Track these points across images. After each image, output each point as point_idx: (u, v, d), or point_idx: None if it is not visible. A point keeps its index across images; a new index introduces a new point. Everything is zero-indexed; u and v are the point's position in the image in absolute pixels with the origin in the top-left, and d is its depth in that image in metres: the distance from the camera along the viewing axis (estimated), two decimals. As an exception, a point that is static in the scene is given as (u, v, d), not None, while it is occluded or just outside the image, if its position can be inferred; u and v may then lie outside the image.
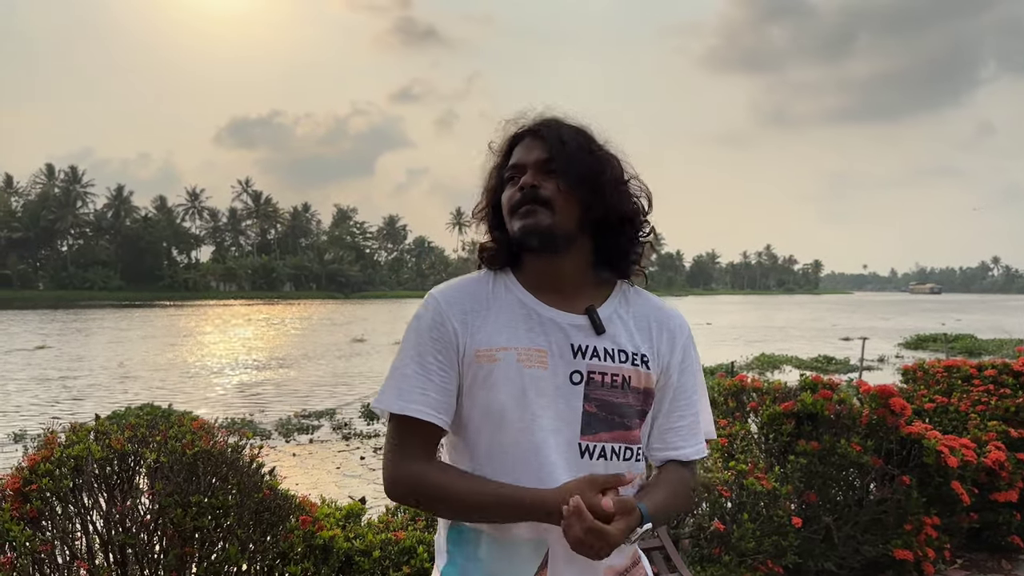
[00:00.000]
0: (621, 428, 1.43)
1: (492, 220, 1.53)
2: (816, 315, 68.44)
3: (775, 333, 42.11)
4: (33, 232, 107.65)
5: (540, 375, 1.40)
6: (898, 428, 4.52)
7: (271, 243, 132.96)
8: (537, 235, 1.41)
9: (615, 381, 1.43)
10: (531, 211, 1.41)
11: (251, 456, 3.29)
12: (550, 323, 1.43)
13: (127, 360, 25.68)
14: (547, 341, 1.41)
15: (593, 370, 1.42)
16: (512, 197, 1.45)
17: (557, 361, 1.41)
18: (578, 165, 1.43)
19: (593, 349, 1.42)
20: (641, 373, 1.45)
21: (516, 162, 1.47)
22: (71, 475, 2.98)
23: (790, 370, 22.12)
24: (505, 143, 1.52)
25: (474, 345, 1.41)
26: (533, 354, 1.40)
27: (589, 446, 1.40)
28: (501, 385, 1.39)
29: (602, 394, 1.42)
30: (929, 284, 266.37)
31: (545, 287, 1.46)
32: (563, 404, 1.40)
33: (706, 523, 3.91)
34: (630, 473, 1.43)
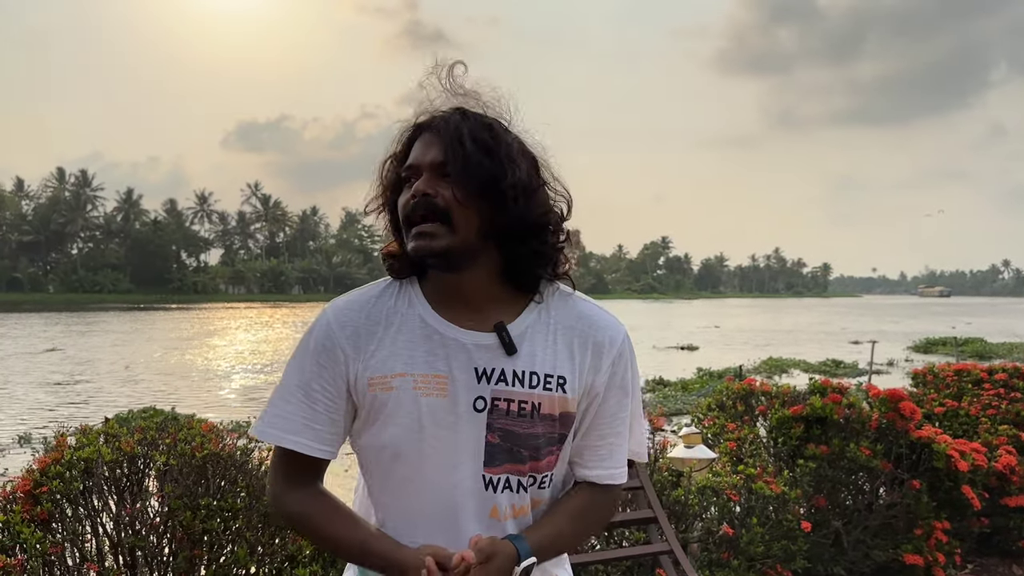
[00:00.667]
0: (530, 460, 1.29)
1: (392, 221, 1.34)
2: (825, 318, 68.23)
3: (783, 337, 41.97)
4: (43, 235, 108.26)
5: (438, 404, 1.25)
6: (908, 432, 4.50)
7: (280, 246, 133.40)
8: (432, 257, 1.24)
9: (523, 409, 1.27)
10: (424, 233, 1.24)
11: (260, 459, 3.30)
12: (453, 344, 1.27)
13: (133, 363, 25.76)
14: (447, 365, 1.26)
15: (498, 396, 1.26)
16: (406, 205, 1.27)
17: (458, 388, 1.26)
18: (475, 169, 1.23)
19: (500, 372, 1.27)
20: (555, 398, 1.29)
21: (412, 162, 1.28)
22: (81, 477, 2.99)
23: (798, 374, 22.02)
24: (405, 134, 1.32)
25: (367, 372, 1.27)
26: (432, 381, 1.26)
27: (493, 479, 1.28)
28: (396, 416, 1.26)
29: (506, 423, 1.27)
30: (938, 287, 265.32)
31: (450, 302, 1.29)
32: (464, 434, 1.26)
33: (715, 527, 3.90)
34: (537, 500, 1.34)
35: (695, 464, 4.24)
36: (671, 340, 36.19)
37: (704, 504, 3.97)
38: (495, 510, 1.30)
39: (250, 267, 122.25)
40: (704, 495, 3.98)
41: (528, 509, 1.33)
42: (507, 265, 1.30)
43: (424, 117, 1.31)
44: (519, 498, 1.31)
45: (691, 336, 39.12)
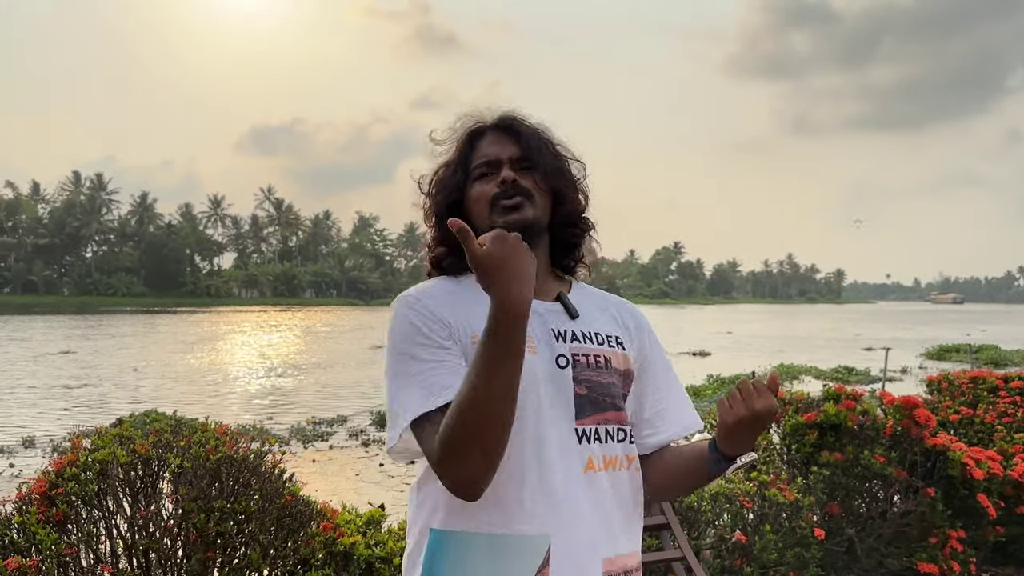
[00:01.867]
0: (612, 408, 1.41)
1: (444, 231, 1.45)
2: (838, 325, 67.89)
3: (796, 343, 41.77)
4: (59, 238, 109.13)
5: (531, 360, 1.32)
6: (923, 440, 4.47)
7: (292, 250, 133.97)
8: (522, 227, 1.37)
9: (599, 362, 1.41)
10: (518, 204, 1.40)
11: (273, 462, 3.31)
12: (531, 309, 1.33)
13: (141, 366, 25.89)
14: (530, 327, 1.29)
15: (577, 352, 1.39)
16: (490, 192, 1.42)
17: (543, 347, 1.37)
18: (550, 163, 1.45)
19: (572, 333, 1.41)
20: (619, 354, 1.45)
21: (489, 157, 1.44)
22: (96, 479, 3.01)
23: (810, 380, 21.91)
24: (464, 138, 1.49)
25: (470, 329, 1.34)
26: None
27: (586, 430, 1.36)
28: None
29: (590, 375, 1.39)
30: (951, 294, 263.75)
31: None
32: (554, 389, 1.35)
33: (728, 535, 3.89)
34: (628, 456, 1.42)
35: (708, 470, 4.23)
36: (683, 346, 36.08)
37: (717, 511, 3.96)
38: (591, 461, 1.36)
39: (263, 271, 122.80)
40: (717, 502, 3.96)
41: (622, 463, 1.41)
42: (553, 250, 1.49)
43: (479, 123, 1.49)
44: (609, 448, 1.39)
45: (703, 342, 38.99)
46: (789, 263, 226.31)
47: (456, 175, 1.47)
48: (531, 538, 1.29)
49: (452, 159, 1.49)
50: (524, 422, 1.30)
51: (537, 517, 1.29)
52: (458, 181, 1.46)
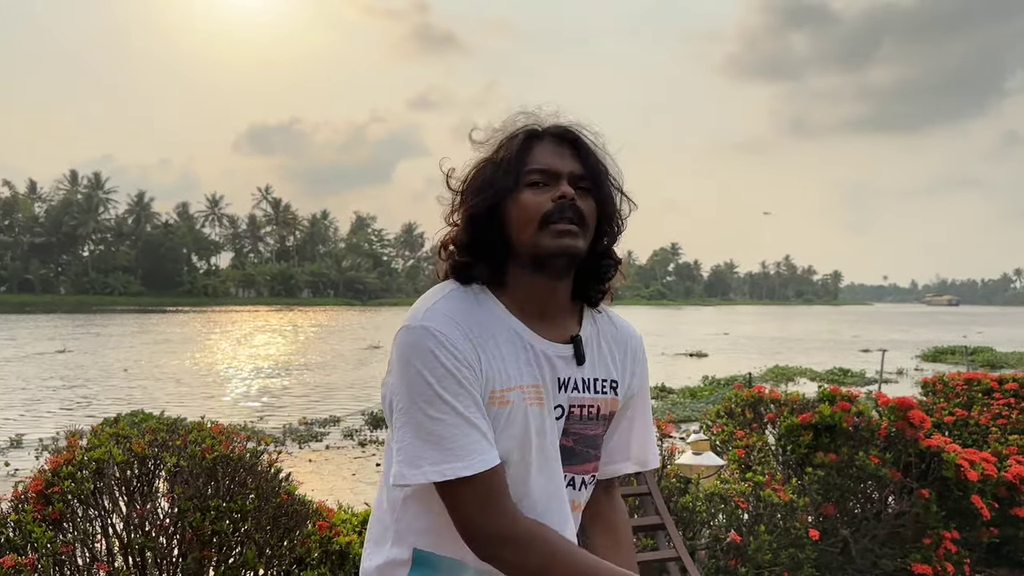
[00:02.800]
0: (593, 460, 1.39)
1: (483, 223, 1.31)
2: (834, 327, 67.98)
3: (793, 344, 41.83)
4: (55, 237, 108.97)
5: (538, 413, 1.29)
6: (917, 441, 4.49)
7: (290, 250, 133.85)
8: (568, 256, 1.28)
9: (590, 413, 1.35)
10: (571, 231, 1.27)
11: (269, 461, 3.31)
12: (542, 356, 1.31)
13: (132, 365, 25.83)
14: (541, 376, 1.30)
15: (573, 403, 1.33)
16: (542, 205, 1.27)
17: (548, 397, 1.31)
18: (607, 191, 1.33)
19: (575, 382, 1.34)
20: (609, 400, 1.39)
21: (548, 167, 1.30)
22: (92, 478, 3.01)
23: (804, 382, 21.93)
24: (520, 138, 1.33)
25: (489, 385, 1.25)
26: (533, 391, 1.29)
27: (571, 479, 1.36)
28: (511, 427, 1.26)
29: (580, 428, 1.35)
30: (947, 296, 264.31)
31: (532, 312, 1.32)
32: (553, 439, 1.31)
33: (723, 535, 3.90)
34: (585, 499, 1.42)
35: (703, 471, 4.24)
36: (680, 347, 36.12)
37: (712, 511, 3.97)
38: (574, 504, 1.38)
39: (260, 271, 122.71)
40: (712, 502, 3.98)
41: (582, 506, 1.42)
42: (578, 278, 1.37)
43: (537, 125, 1.35)
44: (579, 495, 1.39)
45: (700, 343, 39.03)
46: (786, 264, 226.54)
47: (507, 176, 1.30)
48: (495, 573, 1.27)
49: (502, 158, 1.31)
50: (530, 472, 1.28)
51: None
52: (508, 184, 1.29)
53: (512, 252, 1.31)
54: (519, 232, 1.29)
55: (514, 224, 1.29)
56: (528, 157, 1.31)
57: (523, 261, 1.30)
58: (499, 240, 1.31)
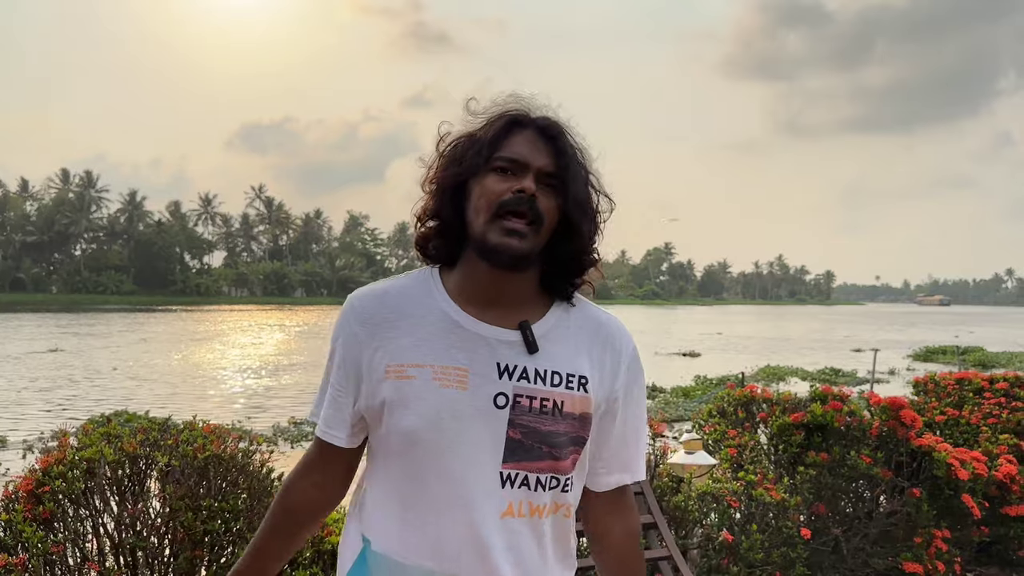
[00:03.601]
0: (549, 458, 1.29)
1: (447, 198, 1.32)
2: (827, 326, 68.17)
3: (786, 344, 41.90)
4: (47, 236, 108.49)
5: (457, 396, 1.26)
6: (908, 440, 4.51)
7: (283, 249, 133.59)
8: (510, 256, 1.26)
9: (545, 406, 1.28)
10: (517, 231, 1.25)
11: (261, 461, 3.31)
12: (476, 338, 1.29)
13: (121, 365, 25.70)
14: (469, 358, 1.28)
15: (521, 393, 1.27)
16: (502, 194, 1.27)
17: (480, 381, 1.27)
18: (577, 194, 1.31)
19: (523, 370, 1.28)
20: (576, 397, 1.31)
21: (519, 157, 1.29)
22: (83, 477, 3.00)
23: (796, 382, 21.97)
24: (502, 122, 1.32)
25: (385, 359, 1.29)
26: (451, 373, 1.27)
27: (511, 474, 1.28)
28: (415, 405, 1.27)
29: (529, 420, 1.27)
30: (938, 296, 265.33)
31: (476, 297, 1.32)
32: (484, 429, 1.27)
33: (715, 533, 3.91)
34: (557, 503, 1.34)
35: (695, 470, 4.25)
36: (673, 347, 36.15)
37: (704, 510, 3.98)
38: (510, 508, 1.29)
39: (253, 270, 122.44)
40: (704, 501, 3.99)
41: (547, 511, 1.32)
42: (547, 271, 1.36)
43: (523, 113, 1.34)
44: (536, 497, 1.30)
45: (693, 343, 39.08)
46: (779, 264, 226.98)
47: (478, 156, 1.30)
48: (433, 574, 1.28)
49: (481, 135, 1.31)
50: (440, 460, 1.27)
51: (445, 555, 1.27)
52: (477, 163, 1.29)
53: (468, 234, 1.31)
54: (474, 215, 1.29)
55: (473, 205, 1.29)
56: (504, 142, 1.30)
57: (474, 245, 1.30)
58: (459, 218, 1.32)
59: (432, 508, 1.29)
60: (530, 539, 1.31)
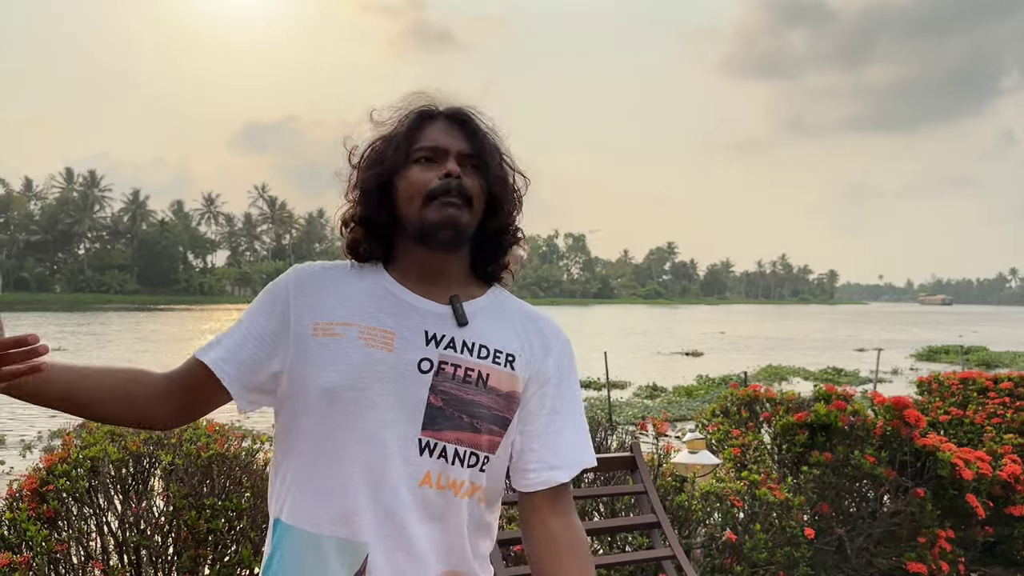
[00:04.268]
0: (469, 429, 1.29)
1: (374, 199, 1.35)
2: (829, 326, 68.13)
3: (788, 344, 41.90)
4: (51, 235, 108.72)
5: (382, 357, 1.28)
6: (912, 440, 4.50)
7: (286, 248, 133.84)
8: (453, 230, 1.31)
9: (468, 376, 1.30)
10: (455, 204, 1.30)
11: (265, 459, 3.31)
12: (406, 306, 1.33)
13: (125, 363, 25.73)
14: (397, 324, 1.31)
15: (446, 360, 1.30)
16: (429, 182, 1.31)
17: (405, 345, 1.29)
18: (496, 170, 1.36)
19: (450, 340, 1.32)
20: (503, 373, 1.33)
21: (436, 145, 1.34)
22: (87, 476, 3.01)
23: (798, 382, 21.95)
24: (412, 117, 1.37)
25: (314, 317, 1.32)
26: (378, 334, 1.30)
27: (430, 442, 1.27)
28: (338, 361, 1.28)
29: (450, 387, 1.29)
30: (940, 296, 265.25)
31: (414, 277, 1.36)
32: (406, 392, 1.28)
33: (718, 533, 3.90)
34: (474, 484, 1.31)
35: (699, 470, 4.24)
36: (676, 346, 36.14)
37: (707, 510, 3.97)
38: (427, 477, 1.28)
39: (256, 269, 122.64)
40: (708, 501, 3.98)
41: (463, 489, 1.31)
42: (475, 254, 1.40)
43: (431, 106, 1.38)
44: (454, 471, 1.29)
45: (696, 342, 39.07)
46: (782, 264, 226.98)
47: (397, 153, 1.34)
48: (349, 543, 1.26)
49: (394, 134, 1.36)
50: (359, 420, 1.27)
51: (358, 523, 1.26)
52: (398, 160, 1.34)
53: (400, 227, 1.35)
54: (406, 206, 1.33)
55: (402, 199, 1.33)
56: (419, 135, 1.35)
57: (410, 234, 1.34)
58: (389, 217, 1.35)
59: (347, 473, 1.27)
60: (447, 514, 1.29)
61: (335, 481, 1.27)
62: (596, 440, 5.29)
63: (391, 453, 1.27)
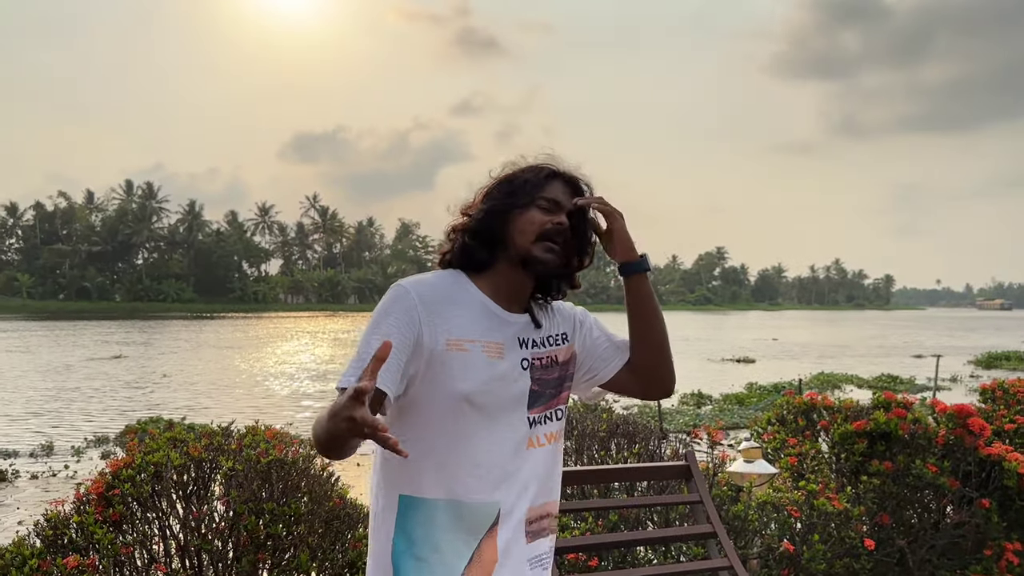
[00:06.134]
0: (553, 398, 1.75)
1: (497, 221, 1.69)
2: (884, 332, 66.61)
3: (842, 351, 41.06)
4: (111, 246, 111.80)
5: (499, 364, 1.65)
6: (976, 449, 4.37)
7: (337, 257, 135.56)
8: (547, 268, 1.68)
9: (548, 361, 1.74)
10: (556, 251, 1.68)
11: (322, 465, 3.35)
12: (502, 320, 1.69)
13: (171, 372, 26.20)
14: (502, 336, 1.68)
15: (536, 357, 1.72)
16: (544, 224, 1.67)
17: (510, 353, 1.68)
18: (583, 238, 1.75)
19: (533, 340, 1.73)
20: (562, 348, 1.78)
21: (557, 199, 1.71)
22: (151, 481, 3.08)
23: (851, 389, 21.45)
24: (544, 171, 1.73)
25: (446, 335, 1.61)
26: (493, 347, 1.65)
27: (536, 417, 1.70)
28: (470, 372, 1.61)
29: (541, 374, 1.72)
30: (999, 300, 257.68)
31: (503, 294, 1.71)
32: (517, 387, 1.67)
33: (775, 544, 3.84)
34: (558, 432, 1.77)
35: (755, 479, 4.18)
36: (726, 352, 35.66)
37: (764, 520, 3.92)
38: (531, 441, 1.70)
39: (308, 277, 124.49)
40: (764, 511, 3.92)
41: (553, 436, 1.75)
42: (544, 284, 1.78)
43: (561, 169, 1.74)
44: (550, 427, 1.74)
45: (747, 349, 38.51)
46: (836, 268, 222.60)
47: (527, 194, 1.69)
48: (485, 504, 1.63)
49: (527, 179, 1.71)
50: (491, 413, 1.64)
51: (491, 488, 1.63)
52: (526, 199, 1.69)
53: (505, 250, 1.69)
54: (519, 237, 1.68)
55: (517, 230, 1.68)
56: (546, 187, 1.72)
57: (513, 259, 1.69)
58: (499, 237, 1.69)
59: (482, 451, 1.63)
60: (543, 461, 1.72)
61: (472, 460, 1.62)
62: (648, 449, 5.25)
63: (514, 433, 1.67)
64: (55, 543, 2.93)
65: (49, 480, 10.77)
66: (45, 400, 19.43)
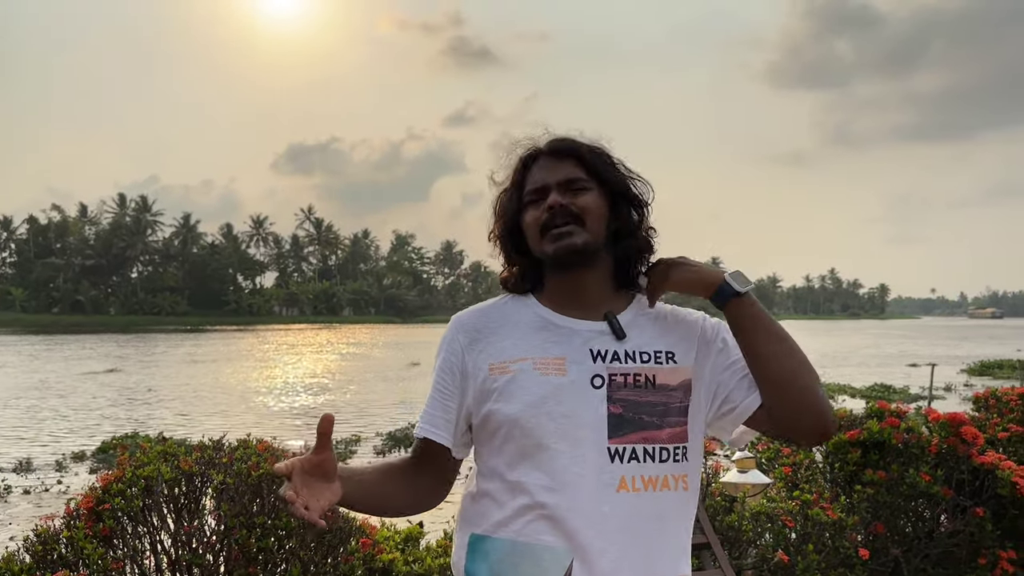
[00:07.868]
0: (653, 428, 1.39)
1: (511, 246, 1.55)
2: (877, 341, 66.70)
3: (836, 360, 41.08)
4: (105, 259, 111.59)
5: (558, 381, 1.40)
6: (970, 457, 4.38)
7: (332, 269, 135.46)
8: (571, 251, 1.44)
9: (638, 381, 1.41)
10: (563, 232, 1.44)
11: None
12: (567, 331, 1.45)
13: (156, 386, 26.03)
14: (563, 349, 1.43)
15: (615, 372, 1.41)
16: (539, 218, 1.47)
17: (576, 367, 1.41)
18: (607, 181, 1.49)
19: (614, 353, 1.43)
20: (667, 369, 1.44)
21: (538, 185, 1.49)
22: (142, 495, 3.06)
23: (844, 399, 21.45)
24: (518, 166, 1.54)
25: (488, 359, 1.45)
26: (550, 363, 1.42)
27: (619, 449, 1.37)
28: (517, 394, 1.40)
29: (627, 394, 1.40)
30: (990, 308, 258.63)
31: (562, 301, 1.49)
32: (586, 408, 1.39)
33: (770, 554, 3.84)
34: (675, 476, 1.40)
35: (749, 489, 4.18)
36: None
37: (758, 530, 3.91)
38: (623, 481, 1.37)
39: (303, 289, 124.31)
40: (758, 521, 3.92)
41: (666, 483, 1.40)
42: (616, 267, 1.52)
43: (532, 148, 1.54)
44: (647, 468, 1.38)
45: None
46: (831, 278, 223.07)
47: (512, 201, 1.53)
48: (554, 550, 1.35)
49: (509, 185, 1.55)
50: (552, 440, 1.38)
51: (556, 530, 1.36)
52: (514, 208, 1.53)
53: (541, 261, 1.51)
54: (534, 245, 1.50)
55: (530, 239, 1.51)
56: (526, 179, 1.52)
57: (548, 265, 1.51)
58: (524, 251, 1.53)
59: (546, 488, 1.37)
60: (648, 514, 1.38)
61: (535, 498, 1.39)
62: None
63: (584, 466, 1.37)
64: (44, 559, 2.91)
65: (42, 495, 10.71)
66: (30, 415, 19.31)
